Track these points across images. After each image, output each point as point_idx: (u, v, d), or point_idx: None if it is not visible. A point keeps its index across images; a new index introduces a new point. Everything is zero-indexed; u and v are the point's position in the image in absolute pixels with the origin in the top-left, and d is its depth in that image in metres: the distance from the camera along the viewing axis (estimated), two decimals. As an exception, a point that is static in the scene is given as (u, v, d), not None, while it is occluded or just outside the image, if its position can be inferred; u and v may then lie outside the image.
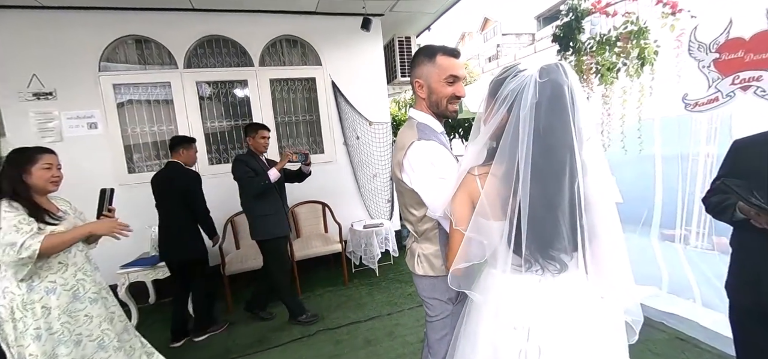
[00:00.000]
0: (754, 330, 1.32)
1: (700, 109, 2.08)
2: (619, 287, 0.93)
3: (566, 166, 0.86)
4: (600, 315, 0.94)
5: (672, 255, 2.96)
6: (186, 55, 3.58)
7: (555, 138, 0.85)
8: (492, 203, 0.91)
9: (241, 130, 3.83)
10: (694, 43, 2.06)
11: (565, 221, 0.88)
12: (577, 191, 0.86)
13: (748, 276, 1.31)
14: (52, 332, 1.57)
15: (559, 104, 0.85)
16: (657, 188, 2.70)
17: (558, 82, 0.85)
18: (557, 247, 0.90)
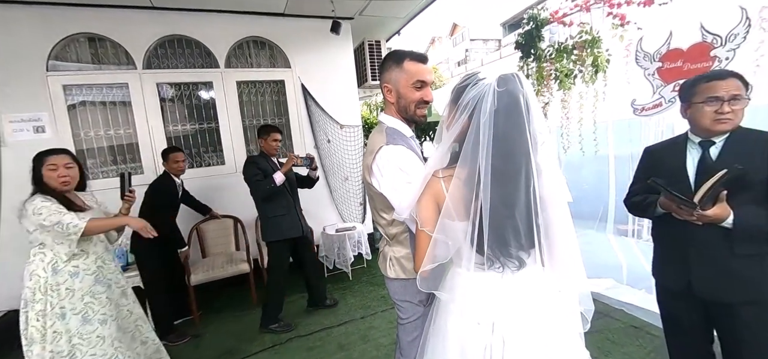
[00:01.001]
0: (678, 305, 1.51)
1: (647, 113, 2.26)
2: (572, 279, 1.00)
3: (523, 169, 0.91)
4: (557, 306, 1.00)
5: (627, 248, 3.18)
6: (145, 55, 3.41)
7: (512, 144, 0.91)
8: (456, 205, 0.95)
9: (210, 133, 3.73)
10: (641, 52, 2.24)
11: (522, 220, 0.93)
12: (533, 193, 0.92)
13: (675, 261, 1.45)
14: (76, 312, 1.74)
15: (516, 111, 0.90)
16: (611, 187, 2.90)
17: (514, 91, 0.90)
18: (516, 245, 0.95)
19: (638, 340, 2.35)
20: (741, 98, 1.26)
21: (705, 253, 1.35)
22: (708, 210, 1.23)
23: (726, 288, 1.33)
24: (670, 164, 1.43)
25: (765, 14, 1.70)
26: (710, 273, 1.35)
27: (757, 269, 1.30)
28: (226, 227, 3.62)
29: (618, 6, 2.28)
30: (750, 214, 1.23)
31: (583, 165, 3.28)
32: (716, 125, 1.30)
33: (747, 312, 1.31)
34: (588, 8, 2.50)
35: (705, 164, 1.32)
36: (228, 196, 3.69)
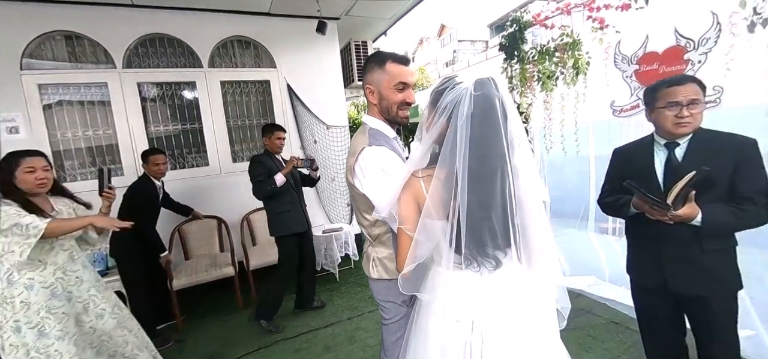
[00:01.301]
0: (653, 301, 1.58)
1: (625, 114, 2.32)
2: (549, 277, 1.02)
3: (499, 171, 0.94)
4: (535, 304, 1.02)
5: (608, 246, 3.26)
6: (125, 54, 3.33)
7: (488, 146, 0.93)
8: (435, 205, 0.97)
9: (193, 134, 3.66)
10: (619, 55, 2.30)
11: (498, 221, 0.95)
12: (510, 194, 0.94)
13: (650, 259, 1.51)
14: (32, 326, 1.65)
15: (492, 114, 0.92)
16: (591, 186, 2.97)
17: (490, 95, 0.93)
18: (493, 245, 0.97)
19: (618, 335, 2.41)
20: (699, 102, 1.33)
21: (678, 251, 1.42)
22: (679, 210, 1.30)
23: (698, 283, 1.40)
24: (639, 164, 1.50)
25: (735, 20, 1.77)
26: (683, 269, 1.42)
27: (723, 262, 1.39)
28: (210, 228, 3.55)
29: (597, 10, 2.33)
30: (716, 212, 1.30)
31: (566, 165, 3.35)
32: (677, 128, 1.37)
33: (717, 303, 1.39)
34: (569, 11, 2.55)
35: (671, 165, 1.39)
36: (212, 197, 3.63)
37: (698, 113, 1.34)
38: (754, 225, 1.32)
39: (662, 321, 1.58)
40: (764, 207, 1.30)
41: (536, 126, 3.06)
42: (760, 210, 1.29)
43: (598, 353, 2.26)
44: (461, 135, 0.91)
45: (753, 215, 1.30)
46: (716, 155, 1.32)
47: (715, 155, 1.33)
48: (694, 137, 1.38)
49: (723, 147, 1.34)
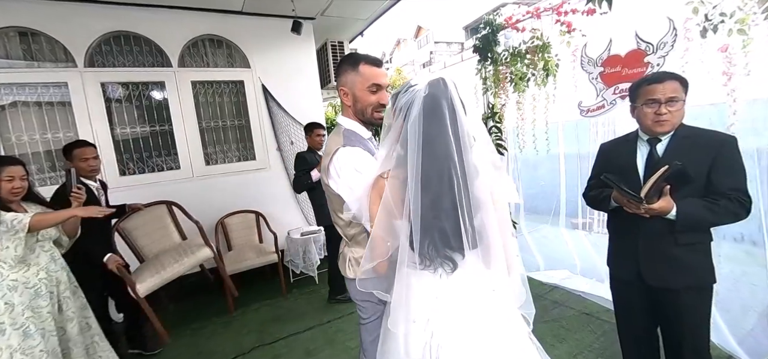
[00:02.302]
0: (629, 293, 1.63)
1: (591, 114, 2.43)
2: (509, 280, 1.02)
3: (448, 172, 0.93)
4: (493, 307, 1.01)
5: (579, 241, 3.40)
6: (87, 53, 3.15)
7: (437, 146, 0.93)
8: (396, 205, 0.98)
9: (163, 136, 3.52)
10: (585, 58, 2.41)
11: (451, 222, 0.95)
12: (464, 194, 0.94)
13: (626, 252, 1.57)
14: (17, 327, 1.67)
15: (440, 114, 0.93)
16: (562, 183, 3.09)
17: (437, 95, 0.94)
18: (445, 246, 0.97)
19: (589, 326, 2.52)
20: (677, 99, 1.35)
21: (652, 244, 1.45)
22: (654, 204, 1.33)
23: (671, 276, 1.43)
24: (622, 160, 1.53)
25: (689, 25, 1.89)
26: (657, 262, 1.45)
27: (697, 257, 1.41)
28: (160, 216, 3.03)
29: (565, 14, 2.43)
30: (690, 206, 1.34)
31: (539, 164, 3.47)
32: (656, 125, 1.40)
33: (689, 296, 1.42)
34: (539, 15, 2.64)
35: (652, 160, 1.42)
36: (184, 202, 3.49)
37: (677, 111, 1.36)
38: (728, 221, 1.36)
39: (637, 312, 1.62)
40: (739, 204, 1.32)
41: (509, 126, 3.15)
42: (735, 206, 1.31)
43: (571, 343, 2.35)
44: (412, 136, 0.93)
45: (727, 211, 1.32)
46: (696, 151, 1.35)
47: (694, 151, 1.35)
48: (676, 134, 1.40)
49: (703, 144, 1.36)
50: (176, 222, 3.09)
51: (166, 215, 3.07)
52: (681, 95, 1.36)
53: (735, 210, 1.32)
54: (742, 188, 1.33)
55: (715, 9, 1.71)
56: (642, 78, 1.48)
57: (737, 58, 1.70)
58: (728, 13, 1.68)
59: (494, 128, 3.11)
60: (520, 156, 3.23)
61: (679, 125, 1.40)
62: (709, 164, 1.34)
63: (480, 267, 1.00)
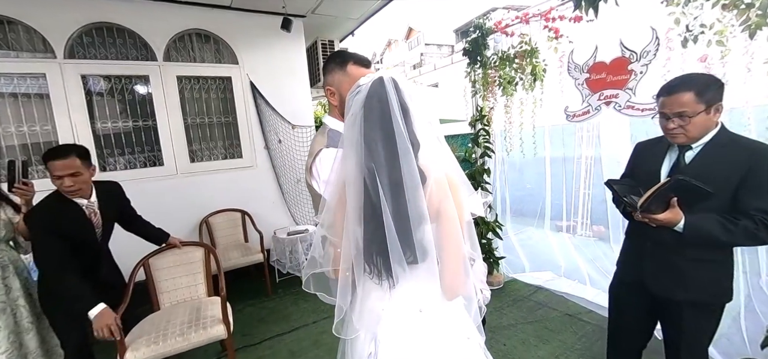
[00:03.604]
0: (629, 296, 1.60)
1: (577, 119, 2.47)
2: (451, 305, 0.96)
3: (385, 177, 0.86)
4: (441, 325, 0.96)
5: (563, 243, 3.46)
6: (67, 44, 3.05)
7: (377, 149, 0.87)
8: (341, 210, 0.93)
9: (146, 131, 3.42)
10: (572, 64, 2.45)
11: (390, 231, 0.86)
12: (402, 204, 0.86)
13: (633, 256, 1.55)
14: None
15: (377, 116, 0.87)
16: (547, 186, 3.14)
17: (378, 96, 0.87)
18: (390, 258, 0.88)
19: (572, 327, 2.56)
20: (685, 114, 1.24)
21: (658, 253, 1.41)
22: (659, 215, 1.28)
23: (674, 287, 1.37)
24: (648, 164, 1.45)
25: (671, 35, 1.94)
26: (662, 271, 1.41)
27: (704, 273, 1.33)
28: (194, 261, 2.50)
29: (553, 20, 2.47)
30: (702, 221, 1.25)
31: (525, 167, 3.52)
32: (670, 137, 1.33)
33: (691, 311, 1.37)
34: (527, 21, 2.68)
35: (678, 167, 1.34)
36: (167, 200, 3.43)
37: (690, 124, 1.25)
38: (746, 243, 1.26)
39: (634, 316, 1.60)
40: (765, 227, 1.18)
41: (497, 129, 3.18)
42: (758, 228, 1.18)
43: (554, 344, 2.38)
44: (351, 139, 0.89)
45: (745, 232, 1.20)
46: (727, 163, 1.24)
47: (725, 162, 1.24)
48: (712, 141, 1.28)
49: (738, 155, 1.24)
50: (208, 271, 2.52)
51: (201, 262, 2.51)
52: (694, 107, 1.23)
53: (757, 234, 1.19)
54: None
55: (695, 20, 1.77)
56: (663, 85, 1.36)
57: (716, 68, 1.76)
58: (708, 25, 1.74)
59: (482, 131, 3.14)
60: (507, 159, 3.27)
61: (718, 130, 1.29)
62: (739, 178, 1.23)
63: (426, 284, 0.93)
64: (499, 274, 3.29)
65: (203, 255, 2.48)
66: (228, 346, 2.17)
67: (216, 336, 2.09)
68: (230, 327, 2.15)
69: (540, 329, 2.57)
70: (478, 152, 3.20)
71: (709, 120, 1.26)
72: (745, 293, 2.03)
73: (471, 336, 1.00)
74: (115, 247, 2.16)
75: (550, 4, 2.47)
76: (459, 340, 0.98)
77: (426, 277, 0.93)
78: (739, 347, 1.99)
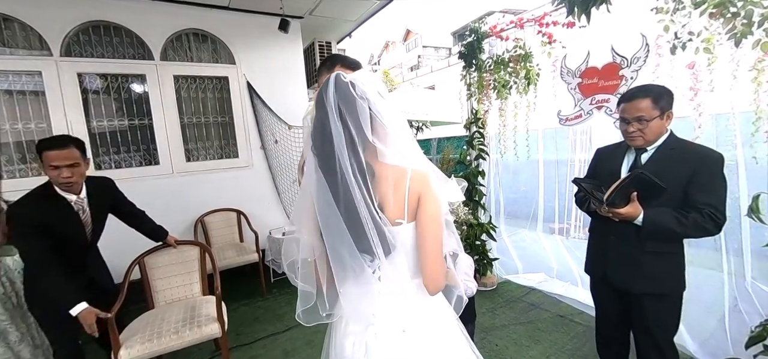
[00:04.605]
0: (600, 292, 1.72)
1: (570, 123, 2.51)
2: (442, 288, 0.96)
3: (334, 174, 0.87)
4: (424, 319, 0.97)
5: (555, 245, 3.50)
6: (64, 42, 3.05)
7: (321, 148, 0.89)
8: (308, 210, 0.95)
9: (142, 130, 3.42)
10: (565, 68, 2.50)
11: (354, 230, 0.87)
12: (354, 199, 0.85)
13: (597, 253, 1.65)
14: None
15: (320, 114, 0.89)
16: (540, 189, 3.18)
17: (321, 98, 0.89)
18: (350, 256, 0.89)
19: (563, 328, 2.60)
20: (644, 118, 1.39)
21: (619, 247, 1.53)
22: (620, 209, 1.40)
23: (634, 280, 1.49)
24: (610, 164, 1.59)
25: (660, 42, 1.99)
26: (622, 264, 1.52)
27: (662, 265, 1.46)
28: (190, 261, 2.50)
29: (546, 25, 2.51)
30: (658, 215, 1.39)
31: (520, 169, 3.56)
32: (629, 140, 1.48)
33: (651, 302, 1.48)
34: (522, 26, 2.72)
35: (635, 167, 1.48)
36: (163, 199, 3.42)
37: (647, 128, 1.40)
38: (697, 235, 1.38)
39: (610, 312, 1.70)
40: (710, 219, 1.33)
41: (492, 131, 3.22)
42: (706, 221, 1.33)
43: (545, 344, 2.42)
44: (309, 138, 0.91)
45: (695, 225, 1.33)
46: (677, 164, 1.39)
47: (676, 163, 1.39)
48: (663, 145, 1.44)
49: (686, 157, 1.39)
50: (204, 270, 2.53)
51: (196, 261, 2.49)
52: (650, 113, 1.39)
53: (704, 225, 1.34)
54: (716, 205, 1.34)
55: (684, 28, 1.81)
56: (622, 93, 1.54)
57: (703, 75, 1.80)
58: (696, 33, 1.78)
59: (477, 133, 3.18)
60: (501, 161, 3.31)
61: (668, 136, 1.45)
62: (688, 177, 1.37)
63: (400, 282, 0.93)
64: (492, 276, 3.33)
65: (199, 254, 2.48)
66: (222, 345, 2.17)
67: (210, 334, 2.09)
68: (225, 326, 2.14)
69: (532, 329, 2.60)
70: (472, 154, 3.23)
71: (662, 125, 1.42)
72: (730, 294, 2.07)
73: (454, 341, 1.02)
74: (111, 245, 2.17)
75: (544, 9, 2.51)
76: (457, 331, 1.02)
77: (403, 273, 0.93)
78: (724, 347, 2.03)
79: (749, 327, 1.77)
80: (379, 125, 0.89)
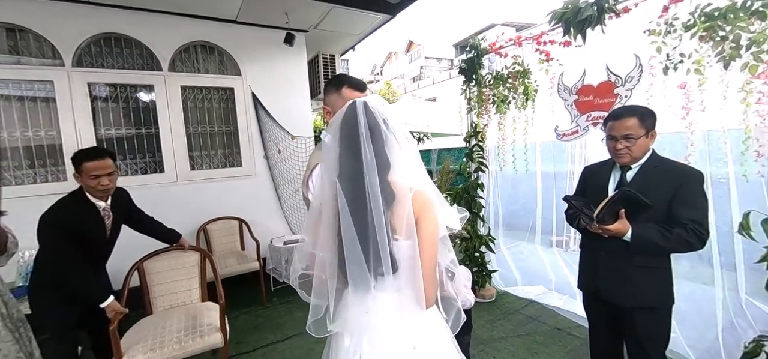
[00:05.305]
0: (593, 307, 1.76)
1: (566, 138, 2.57)
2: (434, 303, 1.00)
3: (360, 195, 0.92)
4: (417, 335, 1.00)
5: (554, 258, 3.53)
6: (76, 53, 3.14)
7: (347, 166, 0.95)
8: (325, 222, 0.99)
9: (148, 138, 3.49)
10: (562, 86, 2.56)
11: (365, 246, 0.93)
12: (374, 218, 0.91)
13: (589, 269, 1.69)
14: None
15: (347, 136, 0.96)
16: (538, 202, 3.23)
17: (350, 118, 0.96)
18: (348, 269, 0.94)
19: (561, 341, 2.62)
20: (632, 136, 1.45)
21: (609, 262, 1.57)
22: (609, 225, 1.45)
23: (625, 294, 1.53)
24: (597, 182, 1.65)
25: (653, 62, 2.05)
26: (613, 279, 1.56)
27: (650, 278, 1.50)
28: (191, 265, 2.51)
29: (544, 44, 2.59)
30: (645, 230, 1.44)
31: (518, 181, 3.61)
32: (616, 158, 1.54)
33: (642, 315, 1.52)
34: (520, 43, 2.80)
35: (621, 184, 1.54)
36: (167, 206, 3.47)
37: (634, 146, 1.45)
38: (681, 249, 1.43)
39: (601, 326, 1.74)
40: (694, 234, 1.38)
41: (491, 144, 3.28)
42: (689, 236, 1.38)
43: (542, 357, 2.44)
44: (329, 157, 0.98)
45: (679, 240, 1.39)
46: (660, 181, 1.45)
47: (659, 181, 1.45)
48: (647, 163, 1.50)
49: (669, 175, 1.46)
50: (204, 277, 2.52)
51: (196, 266, 2.49)
52: (637, 131, 1.45)
53: (688, 240, 1.39)
54: (699, 220, 1.39)
55: (675, 50, 1.88)
56: (609, 112, 1.60)
57: (694, 94, 1.86)
58: (687, 54, 1.85)
59: (477, 147, 3.24)
60: (500, 174, 3.36)
61: (650, 154, 1.51)
62: (671, 193, 1.43)
63: (402, 294, 0.98)
64: (491, 287, 3.35)
65: (199, 260, 2.49)
66: (223, 355, 2.19)
67: (213, 344, 2.10)
68: (227, 336, 2.16)
69: (529, 342, 2.62)
70: (472, 166, 3.29)
71: (647, 143, 1.48)
72: (724, 309, 2.10)
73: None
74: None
75: (541, 28, 2.59)
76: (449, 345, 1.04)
77: (401, 286, 0.97)
78: (720, 362, 2.06)
79: (743, 341, 1.79)
80: (391, 145, 0.96)
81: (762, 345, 1.65)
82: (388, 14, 3.91)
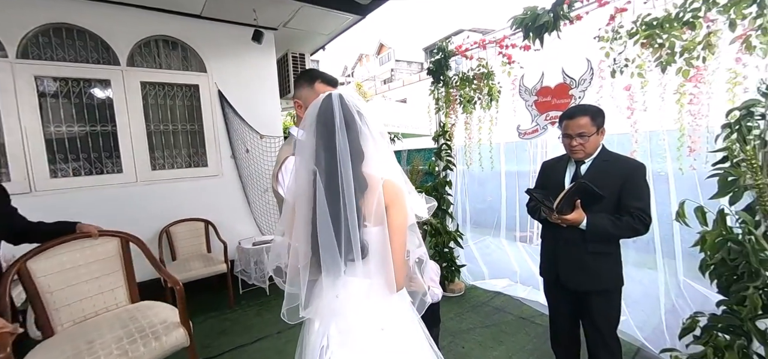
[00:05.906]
0: (553, 294, 1.88)
1: (528, 137, 2.72)
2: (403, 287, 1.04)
3: (334, 183, 0.96)
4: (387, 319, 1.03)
5: (518, 252, 3.70)
6: (21, 43, 2.91)
7: (322, 156, 0.98)
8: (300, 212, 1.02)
9: (105, 137, 3.29)
10: (523, 87, 2.71)
11: (326, 232, 0.96)
12: (346, 207, 0.94)
13: (549, 257, 1.81)
14: None
15: (323, 127, 0.98)
16: (502, 199, 3.38)
17: (326, 110, 0.99)
18: (322, 254, 0.97)
19: (525, 329, 2.76)
20: (585, 134, 1.58)
21: (567, 250, 1.69)
22: (567, 215, 1.56)
23: (582, 279, 1.67)
24: (555, 176, 1.77)
25: (602, 66, 2.22)
26: (571, 266, 1.69)
27: (604, 264, 1.65)
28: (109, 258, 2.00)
29: (506, 47, 2.72)
30: (598, 219, 1.57)
31: (485, 180, 3.76)
32: (571, 154, 1.66)
33: (597, 299, 1.66)
34: (484, 46, 2.93)
35: (577, 177, 1.66)
36: (126, 208, 3.30)
37: (587, 143, 1.59)
38: (629, 235, 1.59)
39: (561, 312, 1.87)
40: (640, 221, 1.52)
41: (458, 144, 3.40)
42: (636, 223, 1.53)
43: (508, 345, 2.55)
44: (305, 147, 1.01)
45: (628, 226, 1.54)
46: (610, 174, 1.59)
47: (609, 173, 1.59)
48: (597, 157, 1.64)
49: (617, 168, 1.60)
50: (129, 270, 2.06)
51: (117, 257, 1.98)
52: (589, 129, 1.59)
53: (635, 226, 1.54)
54: (644, 208, 1.55)
55: (621, 55, 2.05)
56: (564, 112, 1.74)
57: (637, 96, 2.04)
58: (631, 59, 2.02)
59: (445, 145, 3.34)
60: (467, 172, 3.49)
61: (600, 149, 1.65)
62: (619, 184, 1.57)
63: (371, 279, 1.01)
64: (460, 282, 3.46)
65: (119, 248, 1.96)
66: (191, 355, 1.98)
67: (176, 344, 1.75)
68: (190, 328, 1.87)
69: (496, 332, 2.74)
70: (440, 165, 3.38)
71: (598, 139, 1.63)
72: (666, 293, 2.31)
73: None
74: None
75: (504, 32, 2.72)
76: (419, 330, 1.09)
77: (370, 272, 1.01)
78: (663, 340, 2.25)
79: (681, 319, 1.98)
80: (365, 137, 0.99)
81: (697, 321, 1.83)
82: (358, 15, 3.94)
